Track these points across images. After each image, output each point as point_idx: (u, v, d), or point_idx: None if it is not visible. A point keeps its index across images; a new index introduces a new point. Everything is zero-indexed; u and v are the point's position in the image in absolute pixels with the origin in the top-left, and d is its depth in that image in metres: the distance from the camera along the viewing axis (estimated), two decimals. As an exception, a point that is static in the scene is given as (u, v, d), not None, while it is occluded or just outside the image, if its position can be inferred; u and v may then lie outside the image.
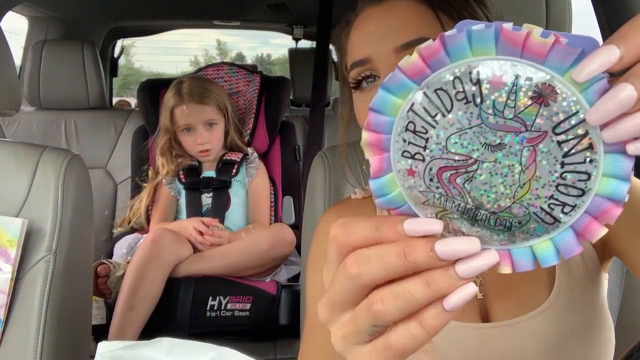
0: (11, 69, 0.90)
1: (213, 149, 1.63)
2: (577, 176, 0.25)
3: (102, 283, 1.40)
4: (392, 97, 0.27)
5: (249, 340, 1.41)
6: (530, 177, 0.26)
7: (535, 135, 0.25)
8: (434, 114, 0.26)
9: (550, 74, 0.24)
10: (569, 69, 0.24)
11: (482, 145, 0.26)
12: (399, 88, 0.26)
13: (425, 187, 0.27)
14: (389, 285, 0.27)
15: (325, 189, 0.81)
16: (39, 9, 2.24)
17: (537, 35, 0.24)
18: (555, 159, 0.25)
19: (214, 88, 1.66)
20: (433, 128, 0.26)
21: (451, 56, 0.25)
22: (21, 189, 0.83)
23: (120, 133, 1.99)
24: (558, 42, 0.24)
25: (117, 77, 3.24)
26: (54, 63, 1.93)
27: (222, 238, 1.50)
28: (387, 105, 0.27)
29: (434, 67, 0.26)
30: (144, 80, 1.90)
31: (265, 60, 8.00)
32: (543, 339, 0.58)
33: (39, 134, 1.94)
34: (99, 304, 1.43)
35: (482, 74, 0.25)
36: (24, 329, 0.79)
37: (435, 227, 0.27)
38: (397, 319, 0.27)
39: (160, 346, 0.40)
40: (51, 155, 0.85)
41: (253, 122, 1.79)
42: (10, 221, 0.80)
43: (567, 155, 0.25)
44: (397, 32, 0.55)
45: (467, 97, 0.25)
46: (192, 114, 1.58)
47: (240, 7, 2.45)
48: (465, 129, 0.26)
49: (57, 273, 0.81)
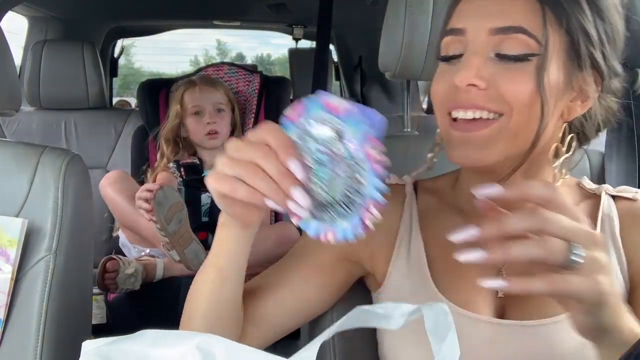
0: (11, 69, 0.90)
1: (221, 133, 1.62)
2: (359, 186, 0.46)
3: (109, 278, 1.39)
4: (285, 130, 0.48)
5: (249, 340, 1.41)
6: (341, 184, 0.47)
7: (338, 160, 0.46)
8: (304, 141, 0.48)
9: (344, 127, 0.45)
10: (358, 125, 0.44)
11: (316, 162, 0.47)
12: (286, 126, 0.48)
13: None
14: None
15: (325, 189, 0.81)
16: (39, 9, 2.24)
17: (343, 104, 0.45)
18: (348, 175, 0.46)
19: (223, 82, 1.73)
20: (304, 148, 0.48)
21: (308, 112, 0.47)
22: (21, 189, 0.83)
23: (120, 133, 1.99)
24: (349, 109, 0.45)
25: (117, 77, 3.24)
26: (54, 63, 1.93)
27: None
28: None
29: (301, 117, 0.47)
30: (144, 80, 1.91)
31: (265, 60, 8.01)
32: (559, 346, 0.57)
33: (39, 134, 1.94)
34: (99, 304, 1.43)
35: (313, 127, 0.47)
36: (24, 329, 0.79)
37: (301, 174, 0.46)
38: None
39: (144, 338, 0.40)
40: (51, 155, 0.85)
41: (253, 122, 1.79)
42: (10, 221, 0.80)
43: (354, 174, 0.46)
44: (499, 15, 0.55)
45: (313, 136, 0.47)
46: (203, 96, 1.62)
47: (240, 7, 2.45)
48: (313, 152, 0.47)
49: (57, 273, 0.81)
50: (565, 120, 0.59)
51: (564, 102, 0.57)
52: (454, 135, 0.57)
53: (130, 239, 1.56)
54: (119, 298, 1.44)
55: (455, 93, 0.56)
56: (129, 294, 1.42)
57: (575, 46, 0.55)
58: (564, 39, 0.55)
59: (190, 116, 1.62)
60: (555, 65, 0.55)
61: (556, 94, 0.55)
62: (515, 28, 0.54)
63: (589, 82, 0.57)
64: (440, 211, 0.67)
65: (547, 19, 0.54)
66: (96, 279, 1.38)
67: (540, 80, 0.53)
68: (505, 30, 0.54)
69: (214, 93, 1.63)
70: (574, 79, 0.56)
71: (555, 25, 0.54)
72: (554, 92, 0.55)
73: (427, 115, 2.42)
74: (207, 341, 0.39)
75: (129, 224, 1.52)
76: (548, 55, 0.54)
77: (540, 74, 0.53)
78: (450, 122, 0.57)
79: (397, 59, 0.83)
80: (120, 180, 1.53)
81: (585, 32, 0.55)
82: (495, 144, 0.55)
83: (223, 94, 1.65)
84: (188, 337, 0.40)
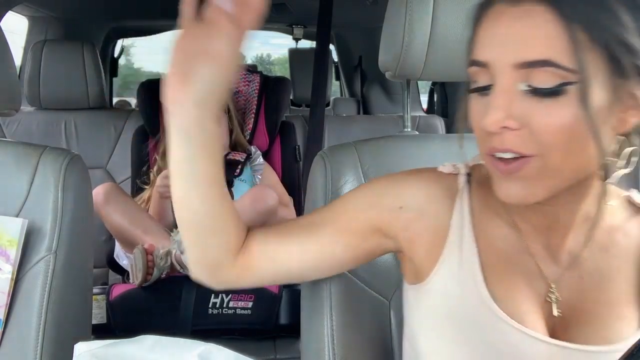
0: (11, 69, 0.90)
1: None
2: None
3: (149, 260, 1.41)
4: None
5: (249, 340, 1.41)
6: None
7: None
8: None
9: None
10: None
11: None
12: None
13: None
14: None
15: (326, 189, 0.81)
16: (39, 9, 2.24)
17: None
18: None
19: None
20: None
21: None
22: (21, 189, 0.83)
23: (120, 133, 1.99)
24: None
25: (117, 77, 3.24)
26: (54, 63, 1.93)
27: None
28: None
29: None
30: (144, 80, 1.90)
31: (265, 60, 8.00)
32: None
33: (39, 134, 1.94)
34: (99, 303, 1.43)
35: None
36: (24, 329, 0.79)
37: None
38: None
39: (143, 343, 0.40)
40: (51, 155, 0.85)
41: (253, 122, 1.79)
42: (10, 221, 0.80)
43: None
44: (523, 46, 0.49)
45: None
46: None
47: (240, 7, 2.44)
48: None
49: (57, 273, 0.81)
50: (619, 133, 0.53)
51: (615, 117, 0.52)
52: (497, 173, 0.54)
53: (125, 248, 1.57)
54: (119, 298, 1.44)
55: (489, 135, 0.52)
56: (129, 294, 1.43)
57: (617, 59, 0.49)
58: (601, 54, 0.49)
59: None
60: (597, 87, 0.49)
61: (603, 116, 0.50)
62: (542, 62, 0.49)
63: (638, 89, 0.51)
64: (493, 210, 0.62)
65: (579, 41, 0.48)
66: (137, 267, 1.40)
67: (587, 112, 0.48)
68: (531, 64, 0.49)
69: None
70: (621, 91, 0.51)
71: (589, 44, 0.48)
72: (600, 115, 0.50)
73: (427, 115, 2.43)
74: (209, 351, 0.39)
75: (129, 241, 1.52)
76: (587, 82, 0.48)
77: (585, 102, 0.48)
78: (492, 159, 0.54)
79: (397, 59, 0.83)
80: (114, 196, 1.52)
81: (624, 43, 0.49)
82: (539, 181, 0.52)
83: None
84: (189, 345, 0.40)
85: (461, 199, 0.63)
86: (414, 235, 0.63)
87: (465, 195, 0.63)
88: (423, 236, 0.63)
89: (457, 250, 0.61)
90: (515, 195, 0.54)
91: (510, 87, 0.51)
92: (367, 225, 0.65)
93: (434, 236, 0.62)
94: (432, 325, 0.62)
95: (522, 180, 0.52)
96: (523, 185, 0.53)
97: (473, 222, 0.62)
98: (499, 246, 0.60)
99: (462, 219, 0.62)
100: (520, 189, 0.53)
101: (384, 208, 0.64)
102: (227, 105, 1.65)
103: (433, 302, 0.62)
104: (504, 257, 0.60)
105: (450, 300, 0.60)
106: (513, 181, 0.53)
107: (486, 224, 0.62)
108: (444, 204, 0.63)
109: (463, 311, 0.59)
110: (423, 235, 0.63)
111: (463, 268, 0.60)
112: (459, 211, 0.62)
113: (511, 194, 0.54)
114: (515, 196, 0.54)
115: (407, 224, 0.63)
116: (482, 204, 0.63)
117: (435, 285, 0.62)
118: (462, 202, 0.63)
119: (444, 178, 0.65)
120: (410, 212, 0.63)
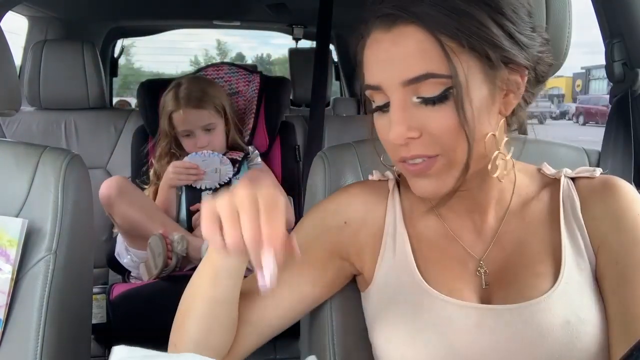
0: (11, 69, 0.90)
1: (215, 147, 1.63)
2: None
3: (169, 243, 1.42)
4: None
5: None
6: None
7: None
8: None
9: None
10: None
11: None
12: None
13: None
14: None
15: (326, 189, 0.81)
16: (39, 9, 2.24)
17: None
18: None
19: (212, 90, 1.64)
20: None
21: None
22: (21, 189, 0.83)
23: (120, 133, 1.99)
24: None
25: (117, 77, 3.25)
26: (54, 63, 1.93)
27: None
28: None
29: None
30: (143, 81, 1.90)
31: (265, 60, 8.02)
32: (544, 325, 0.59)
33: (39, 134, 1.94)
34: (99, 303, 1.43)
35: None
36: (24, 329, 0.79)
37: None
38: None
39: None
40: (51, 155, 0.85)
41: (253, 122, 1.79)
42: (10, 221, 0.80)
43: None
44: (405, 66, 0.56)
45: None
46: (190, 120, 1.58)
47: (240, 7, 2.45)
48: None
49: (57, 273, 0.81)
50: (504, 115, 0.61)
51: (499, 103, 0.59)
52: (409, 174, 0.62)
53: (131, 244, 1.56)
54: (120, 297, 1.44)
55: (396, 146, 0.59)
56: (130, 293, 1.43)
57: (486, 55, 0.55)
58: (472, 55, 0.55)
59: (182, 137, 1.62)
60: (475, 84, 0.56)
61: (486, 107, 0.58)
62: (424, 75, 0.55)
63: (511, 75, 0.59)
64: (422, 205, 0.69)
65: (448, 50, 0.54)
66: (156, 256, 1.41)
67: (461, 111, 0.55)
68: (415, 80, 0.55)
69: (201, 114, 1.58)
70: (497, 80, 0.58)
71: (459, 49, 0.54)
72: (484, 108, 0.57)
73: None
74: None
75: (142, 235, 1.51)
76: (462, 84, 0.55)
77: (460, 105, 0.55)
78: (404, 164, 0.61)
79: (397, 59, 0.83)
80: (129, 189, 1.51)
81: (488, 39, 0.55)
82: (447, 174, 0.59)
83: (211, 111, 1.60)
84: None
85: (393, 200, 0.70)
86: (360, 246, 0.69)
87: (396, 196, 0.70)
88: (368, 243, 0.69)
89: (392, 243, 0.68)
90: (428, 190, 0.61)
91: (405, 102, 0.57)
92: (322, 252, 0.69)
93: (373, 239, 0.69)
94: (379, 316, 0.67)
95: (432, 177, 0.60)
96: (433, 180, 0.60)
97: (404, 218, 0.69)
98: (429, 235, 0.68)
99: (394, 217, 0.69)
100: (432, 184, 0.60)
101: (330, 228, 0.69)
102: (222, 106, 1.64)
103: (378, 296, 0.67)
104: (434, 244, 0.67)
105: (390, 289, 0.66)
106: (425, 178, 0.60)
107: (417, 218, 0.69)
108: (379, 208, 0.70)
109: (402, 297, 0.65)
110: (368, 242, 0.69)
111: (397, 260, 0.67)
112: (391, 211, 0.70)
113: (425, 189, 0.61)
114: (428, 191, 0.61)
115: (353, 237, 0.70)
116: (412, 202, 0.70)
117: (378, 280, 0.68)
118: (394, 202, 0.70)
119: (376, 185, 0.72)
120: (354, 223, 0.69)
